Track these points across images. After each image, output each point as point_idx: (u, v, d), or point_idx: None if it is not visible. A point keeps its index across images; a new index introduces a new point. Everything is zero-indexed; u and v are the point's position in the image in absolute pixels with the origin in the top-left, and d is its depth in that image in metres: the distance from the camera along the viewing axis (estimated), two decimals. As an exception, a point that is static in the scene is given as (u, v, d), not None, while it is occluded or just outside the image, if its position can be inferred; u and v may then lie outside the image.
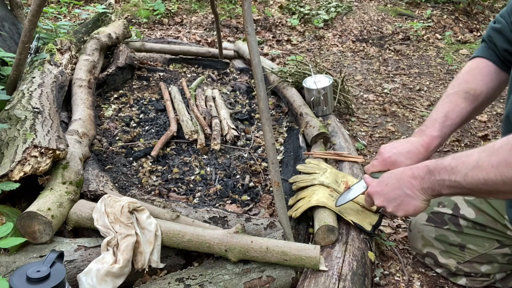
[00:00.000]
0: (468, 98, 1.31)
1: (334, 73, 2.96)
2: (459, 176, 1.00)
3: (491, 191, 0.97)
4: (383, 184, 1.20)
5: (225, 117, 2.25)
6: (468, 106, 1.32)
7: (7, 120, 1.62)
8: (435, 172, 1.07)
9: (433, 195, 1.11)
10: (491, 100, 1.36)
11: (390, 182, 1.18)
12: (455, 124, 1.32)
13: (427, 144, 1.30)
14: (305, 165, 1.74)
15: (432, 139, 1.30)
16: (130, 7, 4.42)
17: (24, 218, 1.21)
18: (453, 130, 1.33)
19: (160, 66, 3.08)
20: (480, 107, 1.35)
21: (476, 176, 0.97)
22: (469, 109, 1.32)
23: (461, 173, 1.00)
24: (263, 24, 4.24)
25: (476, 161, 0.97)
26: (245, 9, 1.28)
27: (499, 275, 1.39)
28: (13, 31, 2.41)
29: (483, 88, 1.31)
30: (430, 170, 1.08)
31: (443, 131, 1.31)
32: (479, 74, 1.33)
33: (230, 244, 1.26)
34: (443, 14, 4.57)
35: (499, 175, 0.93)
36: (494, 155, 0.94)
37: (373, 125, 2.52)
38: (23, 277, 0.97)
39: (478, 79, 1.32)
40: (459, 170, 1.01)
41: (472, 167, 0.98)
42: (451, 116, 1.31)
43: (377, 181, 1.23)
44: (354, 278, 1.26)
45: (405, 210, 1.16)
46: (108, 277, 1.16)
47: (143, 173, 1.87)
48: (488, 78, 1.32)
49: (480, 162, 0.96)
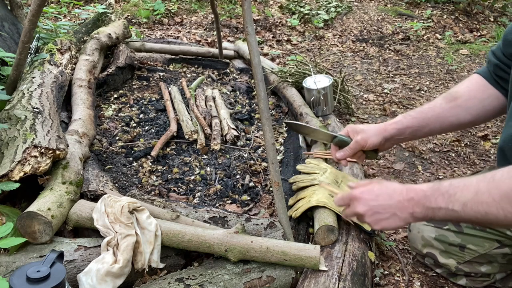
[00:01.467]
0: (446, 97, 1.37)
1: (334, 73, 2.96)
2: (457, 206, 0.97)
3: (491, 223, 0.95)
4: (373, 194, 1.14)
5: (225, 117, 2.25)
6: (443, 102, 1.36)
7: (7, 120, 1.62)
8: (431, 198, 1.03)
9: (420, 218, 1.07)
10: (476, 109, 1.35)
11: (382, 197, 1.12)
12: (423, 112, 1.37)
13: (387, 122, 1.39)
14: (305, 165, 1.74)
15: (395, 118, 1.39)
16: (130, 7, 4.42)
17: (24, 218, 1.21)
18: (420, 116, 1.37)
19: (160, 66, 3.08)
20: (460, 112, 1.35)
21: (476, 208, 0.94)
22: (444, 106, 1.35)
23: (459, 202, 0.97)
24: (263, 24, 4.24)
25: (475, 192, 0.95)
26: (245, 9, 1.28)
27: (499, 275, 1.39)
28: (13, 31, 2.41)
29: (463, 92, 1.35)
30: (426, 195, 1.04)
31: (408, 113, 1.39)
32: (466, 82, 1.38)
33: (230, 244, 1.26)
34: (443, 14, 4.57)
35: (501, 210, 0.90)
36: (495, 188, 0.91)
37: (373, 125, 2.52)
38: (23, 277, 0.97)
39: (463, 85, 1.37)
40: (457, 199, 0.97)
41: (471, 197, 0.95)
42: (423, 106, 1.40)
43: (365, 188, 1.17)
44: (354, 278, 1.26)
45: (384, 225, 1.12)
46: (108, 277, 1.16)
47: (143, 173, 1.87)
48: (473, 86, 1.35)
49: (480, 194, 0.93)
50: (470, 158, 2.22)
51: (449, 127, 1.39)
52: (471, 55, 3.70)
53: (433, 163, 2.17)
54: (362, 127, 1.38)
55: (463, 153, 2.26)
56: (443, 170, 2.11)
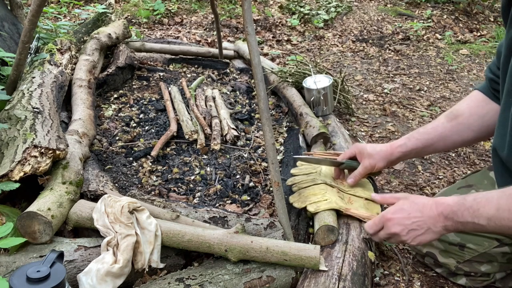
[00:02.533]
0: (447, 115, 1.43)
1: (334, 73, 2.96)
2: (482, 220, 1.05)
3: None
4: (405, 212, 1.17)
5: (225, 117, 2.25)
6: (445, 121, 1.42)
7: (7, 120, 1.62)
8: (458, 213, 1.09)
9: (452, 230, 1.15)
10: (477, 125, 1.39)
11: (413, 214, 1.16)
12: (427, 133, 1.43)
13: (392, 143, 1.47)
14: (299, 168, 1.74)
15: (400, 140, 1.47)
16: (130, 7, 4.42)
17: (24, 218, 1.21)
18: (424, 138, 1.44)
19: (160, 66, 3.08)
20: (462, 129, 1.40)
21: (500, 223, 1.02)
22: (446, 125, 1.41)
23: (483, 217, 1.05)
24: (263, 24, 4.24)
25: (497, 209, 1.03)
26: (245, 9, 1.28)
27: (499, 274, 1.39)
28: (13, 31, 2.41)
29: (464, 110, 1.40)
30: (453, 210, 1.10)
31: (412, 135, 1.45)
32: (467, 100, 1.42)
33: (230, 244, 1.26)
34: (443, 14, 4.57)
35: None
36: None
37: (373, 125, 2.52)
38: (23, 277, 0.97)
39: (464, 103, 1.42)
40: (481, 214, 1.05)
41: (493, 214, 1.03)
42: (427, 126, 1.46)
43: (395, 208, 1.20)
44: (354, 278, 1.26)
45: (421, 240, 1.17)
46: (108, 277, 1.16)
47: (143, 173, 1.87)
48: (473, 103, 1.39)
49: (501, 211, 1.02)
50: (470, 158, 2.22)
51: (452, 145, 1.46)
52: (471, 55, 3.70)
53: (433, 163, 2.17)
54: (369, 150, 1.48)
55: (463, 153, 2.26)
56: (443, 170, 2.11)
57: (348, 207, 1.48)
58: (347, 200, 1.55)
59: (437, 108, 2.73)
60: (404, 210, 1.18)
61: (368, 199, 1.57)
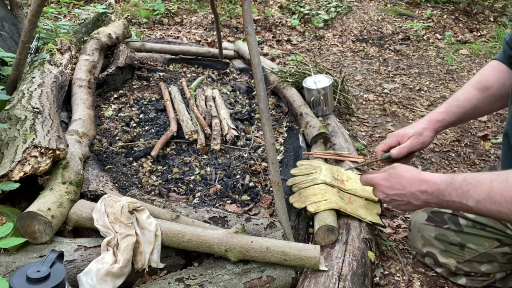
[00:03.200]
0: (479, 88, 1.42)
1: (334, 73, 2.96)
2: (471, 202, 1.03)
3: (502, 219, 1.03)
4: (389, 182, 1.23)
5: (225, 117, 2.25)
6: (478, 93, 1.42)
7: (7, 120, 1.62)
8: (445, 192, 1.09)
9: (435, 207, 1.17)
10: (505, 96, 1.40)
11: (395, 186, 1.21)
12: (462, 106, 1.42)
13: (430, 118, 1.43)
14: (299, 168, 1.74)
15: (437, 114, 1.43)
16: (130, 7, 4.42)
17: (24, 218, 1.21)
18: (460, 111, 1.43)
19: (160, 66, 3.08)
20: (493, 101, 1.42)
21: (489, 207, 1.00)
22: (479, 96, 1.42)
23: (472, 199, 1.03)
24: (263, 24, 4.24)
25: (489, 191, 1.00)
26: (245, 9, 1.28)
27: (499, 274, 1.39)
28: (13, 31, 2.41)
29: (494, 81, 1.40)
30: (439, 189, 1.10)
31: (448, 109, 1.43)
32: (492, 70, 1.43)
33: (230, 244, 1.26)
34: (443, 14, 4.57)
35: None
36: (508, 190, 0.96)
37: (373, 125, 2.52)
38: (23, 277, 0.97)
39: (491, 74, 1.42)
40: (471, 195, 1.03)
41: (484, 196, 1.01)
42: (459, 98, 1.44)
43: (383, 174, 1.25)
44: (354, 278, 1.26)
45: (403, 209, 1.23)
46: (108, 277, 1.16)
47: (143, 173, 1.87)
48: (500, 74, 1.41)
49: (493, 194, 0.99)
50: (470, 158, 2.22)
51: (482, 114, 1.51)
52: (471, 55, 3.69)
53: (433, 163, 2.17)
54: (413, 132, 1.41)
55: (463, 153, 2.26)
56: (443, 170, 2.11)
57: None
58: (347, 200, 1.56)
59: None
60: (389, 180, 1.23)
61: (368, 199, 1.57)
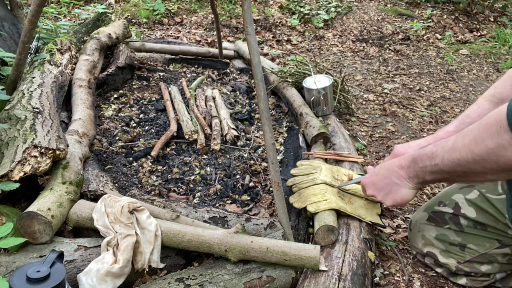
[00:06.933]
0: (493, 101, 1.35)
1: (334, 73, 2.96)
2: (438, 160, 1.04)
3: (466, 172, 0.99)
4: (374, 174, 1.27)
5: (225, 117, 2.25)
6: (491, 107, 1.34)
7: (7, 120, 1.62)
8: (418, 159, 1.11)
9: (419, 182, 1.16)
10: None
11: (380, 173, 1.25)
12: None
13: (440, 137, 1.35)
14: (298, 168, 1.74)
15: (447, 133, 1.36)
16: (130, 7, 4.42)
17: (24, 218, 1.21)
18: None
19: (160, 66, 3.08)
20: None
21: (451, 157, 1.00)
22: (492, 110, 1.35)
23: (439, 157, 1.04)
24: (263, 24, 4.24)
25: (452, 144, 1.01)
26: (245, 9, 1.28)
27: (499, 275, 1.39)
28: (13, 31, 2.41)
29: (509, 92, 1.33)
30: (414, 158, 1.13)
31: (459, 127, 1.36)
32: (509, 81, 1.36)
33: (230, 244, 1.25)
34: (443, 14, 4.57)
35: (469, 153, 0.95)
36: (467, 135, 0.97)
37: (373, 125, 2.52)
38: (23, 277, 0.97)
39: (507, 85, 1.35)
40: (438, 154, 1.05)
41: (448, 149, 1.01)
42: (471, 115, 1.37)
43: (369, 173, 1.30)
44: (354, 278, 1.26)
45: (393, 199, 1.22)
46: (108, 277, 1.16)
47: (143, 173, 1.87)
48: None
49: (455, 144, 0.99)
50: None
51: None
52: (471, 55, 3.70)
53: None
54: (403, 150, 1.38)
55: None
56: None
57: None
58: (347, 200, 1.56)
59: (437, 108, 2.73)
60: (374, 173, 1.28)
61: (368, 199, 1.57)
